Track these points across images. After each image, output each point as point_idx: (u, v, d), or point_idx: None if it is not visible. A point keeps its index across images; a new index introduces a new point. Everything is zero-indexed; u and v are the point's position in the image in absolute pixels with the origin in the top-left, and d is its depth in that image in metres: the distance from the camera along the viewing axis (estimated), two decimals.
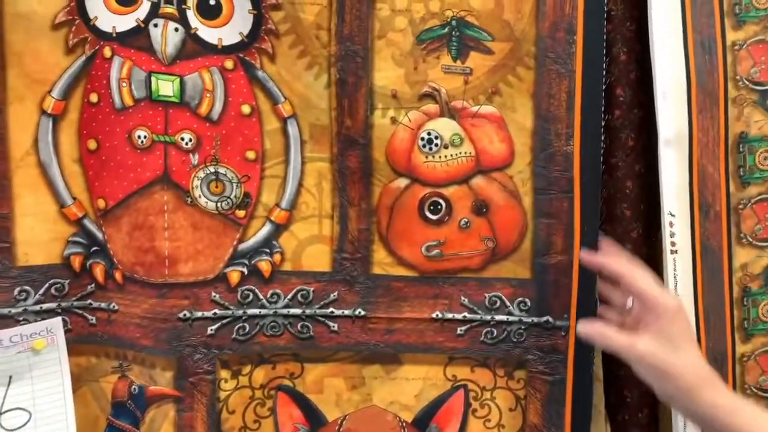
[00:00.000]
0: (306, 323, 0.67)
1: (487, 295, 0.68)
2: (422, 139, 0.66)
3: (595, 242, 0.68)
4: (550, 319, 0.68)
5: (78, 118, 0.63)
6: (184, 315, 0.65)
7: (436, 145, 0.66)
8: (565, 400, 0.69)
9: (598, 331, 0.63)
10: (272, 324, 0.67)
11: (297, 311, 0.67)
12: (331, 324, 0.67)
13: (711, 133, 0.70)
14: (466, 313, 0.68)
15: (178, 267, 0.64)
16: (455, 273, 0.68)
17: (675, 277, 0.69)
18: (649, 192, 0.71)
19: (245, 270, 0.66)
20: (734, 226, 0.70)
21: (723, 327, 0.71)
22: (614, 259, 0.65)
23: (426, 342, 0.69)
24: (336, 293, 0.67)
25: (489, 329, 0.69)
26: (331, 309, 0.67)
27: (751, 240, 0.71)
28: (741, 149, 0.70)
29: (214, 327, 0.65)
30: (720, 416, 0.58)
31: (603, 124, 0.67)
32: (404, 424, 0.70)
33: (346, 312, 0.67)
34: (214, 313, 0.65)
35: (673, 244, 0.69)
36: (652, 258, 0.71)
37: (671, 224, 0.69)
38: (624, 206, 0.72)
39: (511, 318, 0.68)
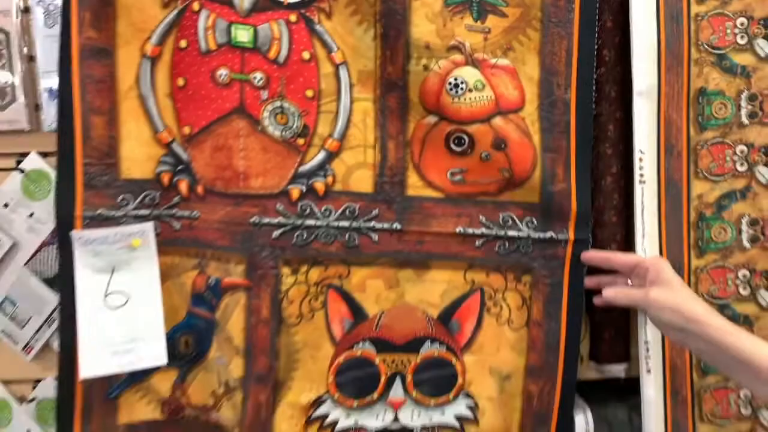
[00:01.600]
0: (352, 234, 0.81)
1: (501, 215, 0.82)
2: (449, 83, 0.79)
3: (587, 172, 0.82)
4: (553, 234, 0.82)
5: (170, 60, 0.76)
6: (255, 221, 0.78)
7: (461, 89, 0.79)
8: (562, 299, 0.82)
9: (621, 291, 0.79)
10: (325, 233, 0.80)
11: (345, 224, 0.80)
12: (372, 235, 0.81)
13: (676, 87, 0.85)
14: (483, 229, 0.82)
15: (250, 181, 0.77)
16: (475, 196, 0.82)
17: (642, 203, 0.84)
18: (626, 134, 0.86)
19: (304, 188, 0.79)
20: (693, 164, 0.85)
21: (681, 245, 0.86)
22: (606, 256, 0.82)
23: (450, 251, 0.82)
24: (377, 210, 0.81)
25: (502, 242, 0.82)
26: (372, 223, 0.81)
27: (706, 175, 0.86)
28: (700, 101, 0.85)
29: (278, 232, 0.79)
30: (722, 337, 0.69)
31: (594, 78, 0.82)
32: (431, 318, 0.83)
33: (385, 226, 0.81)
34: (278, 222, 0.79)
35: (641, 176, 0.84)
36: (629, 185, 0.86)
37: (641, 160, 0.84)
38: (606, 146, 0.86)
39: (520, 233, 0.82)
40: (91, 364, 0.73)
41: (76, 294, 0.75)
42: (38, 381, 1.07)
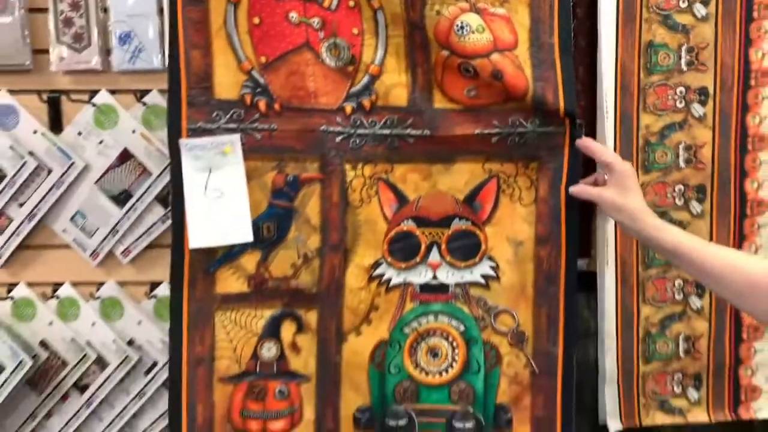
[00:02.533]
0: (393, 139, 1.02)
1: (510, 118, 1.02)
2: (456, 26, 0.97)
3: (573, 96, 1.01)
4: (553, 128, 1.02)
5: (247, 3, 0.96)
6: (324, 129, 1.00)
7: (466, 31, 0.98)
8: (561, 179, 1.03)
9: (581, 188, 0.99)
10: (372, 139, 1.02)
11: (387, 131, 1.02)
12: (409, 139, 1.03)
13: (630, 40, 1.07)
14: (497, 129, 1.02)
15: (319, 99, 0.99)
16: (488, 106, 1.02)
17: (605, 130, 1.06)
18: (592, 77, 1.08)
19: (355, 105, 1.01)
20: (642, 101, 1.07)
21: (632, 162, 1.07)
22: (591, 146, 0.99)
23: (470, 148, 1.03)
24: (411, 119, 1.02)
25: (513, 138, 1.03)
26: (408, 130, 1.02)
27: (652, 110, 1.08)
28: (649, 51, 1.07)
29: (339, 138, 1.01)
30: (656, 233, 0.89)
31: (572, 27, 1.03)
32: (458, 201, 1.06)
33: (418, 132, 1.03)
34: (339, 130, 1.01)
35: (606, 110, 1.08)
36: (593, 117, 1.08)
37: (604, 98, 1.07)
38: (577, 84, 1.05)
39: (527, 129, 1.03)
40: (197, 239, 0.94)
41: (183, 187, 0.95)
42: (102, 283, 1.26)
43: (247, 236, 0.98)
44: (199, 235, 0.94)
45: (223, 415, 1.07)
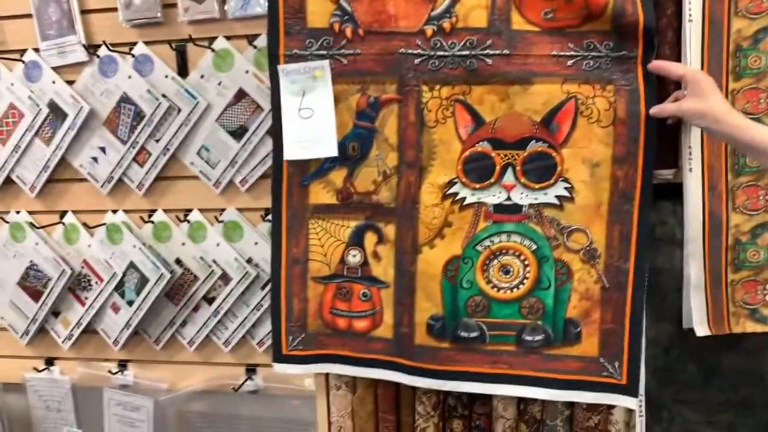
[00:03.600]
0: (472, 60, 1.06)
1: (584, 41, 1.04)
2: None
3: (651, 5, 1.00)
4: (626, 52, 1.03)
5: None
6: (402, 51, 1.07)
7: None
8: (639, 100, 1.03)
9: (660, 108, 1.00)
10: (451, 61, 1.07)
11: (466, 52, 1.06)
12: (487, 60, 1.06)
13: None
14: (572, 52, 1.04)
15: (399, 22, 1.06)
16: (564, 29, 1.04)
17: (689, 39, 1.03)
18: None
19: (435, 27, 1.06)
20: (734, 5, 1.03)
21: (720, 70, 1.05)
22: (663, 66, 1.00)
23: (548, 70, 1.05)
24: (491, 41, 1.05)
25: (588, 61, 1.04)
26: (487, 51, 1.06)
27: (745, 14, 1.03)
28: None
29: (418, 60, 1.07)
30: (738, 132, 0.89)
31: None
32: (535, 122, 1.07)
33: (497, 52, 1.06)
34: (418, 53, 1.07)
35: (690, 16, 1.04)
36: (680, 25, 1.05)
37: (690, 2, 1.04)
38: None
39: (600, 54, 1.04)
40: (291, 152, 1.08)
41: (281, 107, 1.09)
42: (224, 209, 1.45)
43: (333, 151, 1.09)
44: (293, 149, 1.08)
45: (315, 310, 1.20)
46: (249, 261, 1.44)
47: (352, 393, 1.25)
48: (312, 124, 1.08)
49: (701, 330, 1.08)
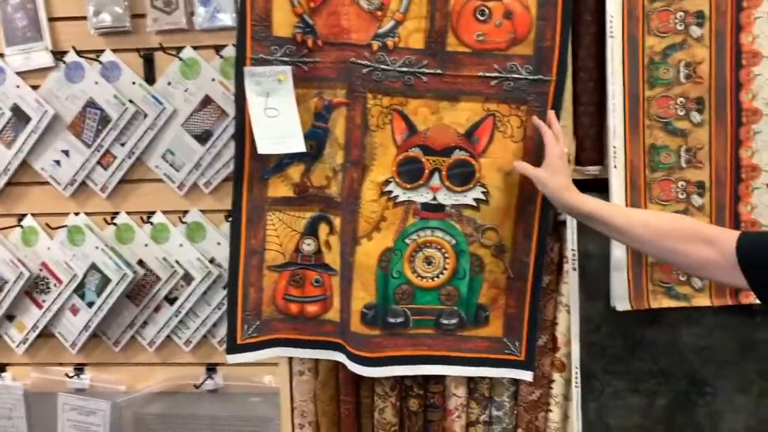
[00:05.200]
0: (410, 76, 1.18)
1: (508, 63, 1.18)
2: None
3: (568, 34, 1.16)
4: (542, 76, 1.18)
5: None
6: (352, 60, 1.16)
7: None
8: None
9: (522, 165, 1.13)
10: (393, 75, 1.18)
11: (405, 69, 1.18)
12: (423, 78, 1.18)
13: None
14: (496, 73, 1.18)
15: (351, 35, 1.16)
16: (491, 51, 1.17)
17: (611, 53, 1.17)
18: (601, 6, 1.20)
19: (380, 43, 1.17)
20: (647, 24, 1.17)
21: (638, 80, 1.18)
22: (541, 125, 1.13)
23: (473, 89, 1.18)
24: (426, 61, 1.18)
25: (508, 82, 1.19)
26: (423, 69, 1.18)
27: (655, 32, 1.17)
28: None
29: (365, 70, 1.17)
30: (577, 204, 1.03)
31: None
32: (459, 134, 1.20)
33: (431, 71, 1.18)
34: (365, 63, 1.17)
35: (611, 32, 1.18)
36: (602, 41, 1.20)
37: (611, 21, 1.18)
38: (587, 14, 1.20)
39: (520, 76, 1.18)
40: (262, 147, 1.16)
41: (249, 105, 1.18)
42: (187, 211, 1.51)
43: (301, 147, 1.19)
44: (264, 144, 1.17)
45: (270, 298, 1.26)
46: (212, 261, 1.49)
47: (315, 378, 1.32)
48: (279, 122, 1.17)
49: (621, 305, 1.22)
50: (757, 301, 1.13)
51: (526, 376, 1.25)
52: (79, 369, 1.57)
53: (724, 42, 1.20)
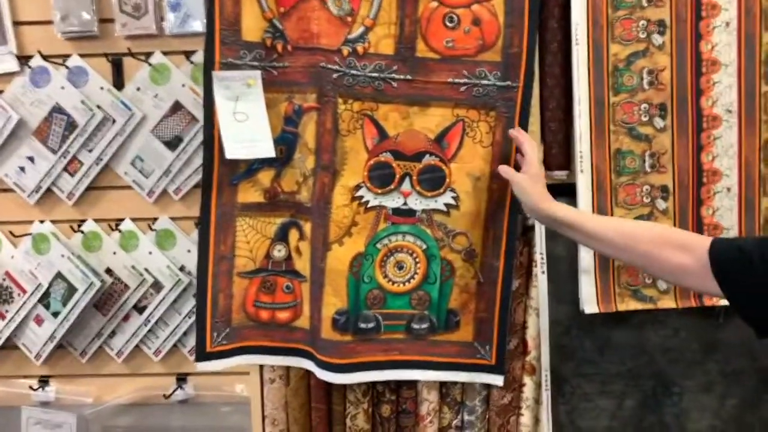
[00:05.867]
0: (380, 81, 1.19)
1: (477, 69, 1.19)
2: None
3: (535, 42, 1.18)
4: (510, 83, 1.20)
5: None
6: (323, 65, 1.16)
7: None
8: (514, 125, 1.18)
9: (506, 169, 1.14)
10: (363, 80, 1.18)
11: (375, 74, 1.18)
12: (393, 83, 1.19)
13: None
14: (465, 79, 1.19)
15: (321, 40, 1.16)
16: (460, 57, 1.19)
17: (577, 60, 1.20)
18: (566, 14, 1.23)
19: (351, 48, 1.17)
20: (611, 33, 1.21)
21: (603, 87, 1.21)
22: (521, 137, 1.15)
23: (443, 95, 1.19)
24: (396, 66, 1.18)
25: (477, 88, 1.20)
26: (393, 75, 1.18)
27: (619, 41, 1.20)
28: None
29: (335, 75, 1.17)
30: (553, 211, 1.04)
31: None
32: (429, 139, 1.21)
33: (401, 76, 1.19)
34: (335, 68, 1.16)
35: (576, 40, 1.21)
36: (568, 48, 1.23)
37: (576, 29, 1.21)
38: (553, 21, 1.22)
39: (489, 82, 1.20)
40: (230, 152, 1.15)
41: (216, 110, 1.17)
42: (157, 218, 1.49)
43: (270, 152, 1.18)
44: (233, 149, 1.16)
45: (240, 305, 1.25)
46: (182, 269, 1.47)
47: (286, 386, 1.30)
48: (248, 127, 1.16)
49: (589, 308, 1.23)
50: (720, 303, 1.17)
51: (497, 380, 1.25)
52: (44, 381, 1.53)
53: (685, 50, 1.23)
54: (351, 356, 1.22)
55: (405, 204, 1.23)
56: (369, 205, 1.22)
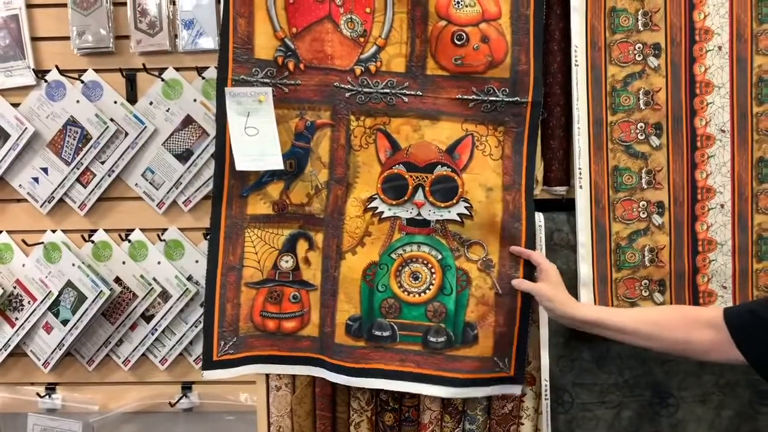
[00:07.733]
0: (392, 97, 1.22)
1: (486, 86, 1.22)
2: (454, 1, 1.19)
3: (540, 59, 1.21)
4: (519, 99, 1.22)
5: None
6: (336, 84, 1.20)
7: (462, 4, 1.19)
8: (523, 141, 1.22)
9: (520, 281, 1.18)
10: (375, 97, 1.22)
11: (387, 91, 1.22)
12: (404, 98, 1.23)
13: (598, 4, 1.24)
14: (474, 96, 1.23)
15: (335, 61, 1.20)
16: (469, 74, 1.22)
17: (576, 78, 1.24)
18: (566, 35, 1.26)
19: (363, 68, 1.21)
20: (608, 55, 1.24)
21: (601, 106, 1.23)
22: (525, 250, 1.19)
23: (453, 110, 1.23)
24: (407, 83, 1.22)
25: (486, 104, 1.23)
26: (404, 91, 1.22)
27: (617, 62, 1.23)
28: (613, 14, 1.23)
29: (348, 93, 1.21)
30: (577, 312, 1.07)
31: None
32: (441, 150, 1.24)
33: (413, 92, 1.23)
34: (348, 87, 1.20)
35: (576, 61, 1.24)
36: (568, 69, 1.26)
37: (575, 51, 1.24)
38: (553, 44, 1.25)
39: (498, 98, 1.23)
40: (242, 164, 1.19)
41: (227, 124, 1.20)
42: (166, 229, 1.52)
43: (279, 165, 1.21)
44: (243, 161, 1.19)
45: (246, 314, 1.26)
46: (189, 278, 1.50)
47: (292, 393, 1.32)
48: (258, 141, 1.20)
49: None
50: None
51: (515, 390, 1.24)
52: (51, 388, 1.55)
53: (679, 72, 1.26)
54: (364, 361, 1.23)
55: (419, 214, 1.25)
56: (383, 216, 1.25)
